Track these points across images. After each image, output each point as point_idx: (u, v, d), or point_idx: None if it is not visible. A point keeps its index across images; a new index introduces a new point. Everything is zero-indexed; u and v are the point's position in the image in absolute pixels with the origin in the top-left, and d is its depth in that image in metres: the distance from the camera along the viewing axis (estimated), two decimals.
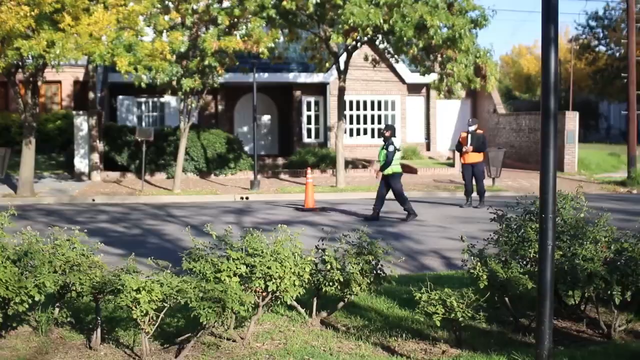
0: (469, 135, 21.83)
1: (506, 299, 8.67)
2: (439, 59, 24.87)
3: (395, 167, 19.30)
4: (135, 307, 7.25)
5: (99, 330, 8.13)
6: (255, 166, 27.80)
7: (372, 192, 24.97)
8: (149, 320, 7.43)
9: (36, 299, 7.86)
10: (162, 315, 7.51)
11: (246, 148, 34.19)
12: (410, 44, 24.13)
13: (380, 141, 19.40)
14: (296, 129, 38.30)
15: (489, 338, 8.50)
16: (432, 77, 26.57)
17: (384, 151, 19.27)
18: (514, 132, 37.34)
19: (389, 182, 19.34)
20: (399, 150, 19.52)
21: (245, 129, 39.02)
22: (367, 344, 8.25)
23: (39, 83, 25.63)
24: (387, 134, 19.44)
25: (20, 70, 25.05)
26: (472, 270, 8.57)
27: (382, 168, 19.27)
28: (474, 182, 21.99)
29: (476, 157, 21.86)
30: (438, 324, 7.85)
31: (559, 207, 9.11)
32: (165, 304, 7.42)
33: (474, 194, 22.04)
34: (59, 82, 39.18)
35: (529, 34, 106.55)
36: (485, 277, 8.34)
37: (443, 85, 24.97)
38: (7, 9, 20.75)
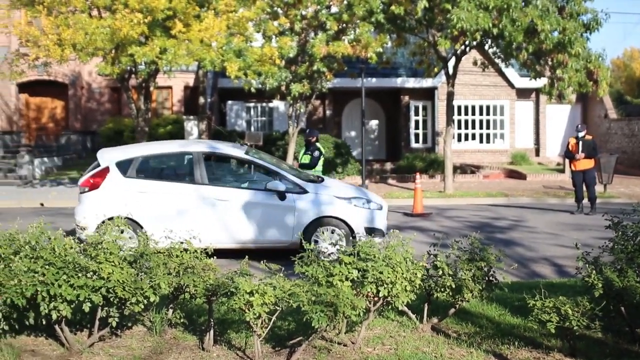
0: (579, 142, 21.39)
1: (622, 308, 8.47)
2: (550, 63, 24.49)
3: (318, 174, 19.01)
4: (248, 310, 7.32)
5: (211, 332, 8.24)
6: (363, 171, 27.81)
7: (481, 198, 24.83)
8: (262, 323, 7.50)
9: (151, 299, 8.02)
10: (274, 318, 7.56)
11: (354, 153, 34.29)
12: (520, 48, 23.81)
13: (489, 146, 19.22)
14: (404, 133, 38.20)
15: (604, 348, 8.32)
16: (542, 82, 26.20)
17: (308, 155, 19.01)
18: (626, 138, 36.55)
19: None
20: (324, 156, 19.28)
21: (352, 133, 39.12)
22: (479, 351, 8.16)
23: (151, 88, 26.16)
24: (313, 139, 19.19)
25: (133, 76, 25.61)
26: (586, 279, 8.40)
27: (303, 167, 18.92)
28: (584, 188, 21.57)
29: (587, 164, 21.42)
30: (552, 332, 7.71)
31: None
32: (278, 307, 7.47)
33: (585, 201, 21.62)
34: (170, 87, 39.91)
35: None
36: (600, 285, 8.17)
37: (554, 90, 24.54)
38: (122, 17, 21.25)
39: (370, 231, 14.07)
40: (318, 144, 19.17)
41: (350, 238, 13.99)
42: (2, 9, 24.77)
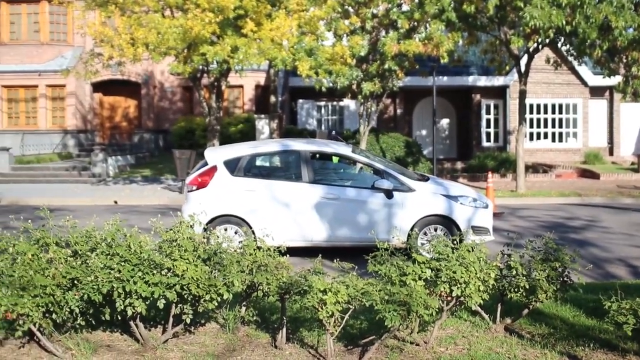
0: None
1: None
2: (624, 60, 24.10)
3: None
4: (322, 308, 7.33)
5: (284, 329, 8.26)
6: (434, 170, 27.70)
7: (554, 197, 24.54)
8: (334, 322, 7.49)
9: (225, 297, 8.07)
10: (346, 316, 7.56)
11: (425, 152, 34.13)
12: (594, 45, 23.44)
13: (561, 145, 19.06)
14: (475, 132, 37.95)
15: None
16: (616, 80, 25.80)
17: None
18: None
19: None
20: None
21: (423, 132, 38.99)
22: (553, 353, 8.07)
23: (223, 87, 26.35)
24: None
25: (205, 75, 25.83)
26: None
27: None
28: None
29: None
30: (629, 334, 7.58)
31: None
32: (350, 306, 7.46)
33: None
34: (241, 86, 40.17)
35: None
36: None
37: (628, 88, 24.14)
38: (193, 16, 21.44)
39: (477, 230, 14.03)
40: None
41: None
42: (78, 10, 25.19)
